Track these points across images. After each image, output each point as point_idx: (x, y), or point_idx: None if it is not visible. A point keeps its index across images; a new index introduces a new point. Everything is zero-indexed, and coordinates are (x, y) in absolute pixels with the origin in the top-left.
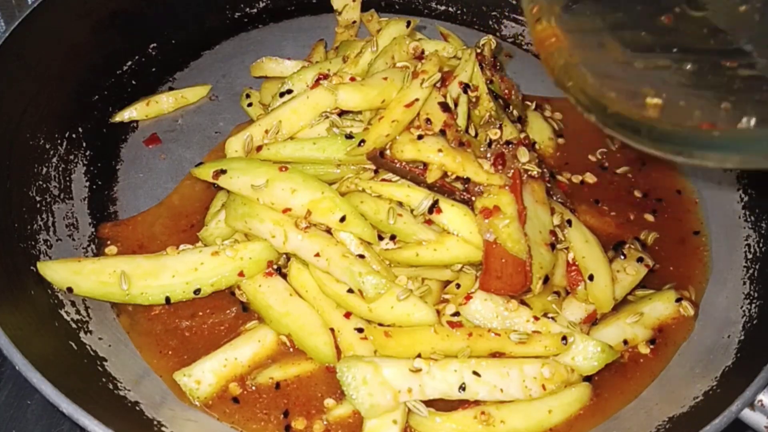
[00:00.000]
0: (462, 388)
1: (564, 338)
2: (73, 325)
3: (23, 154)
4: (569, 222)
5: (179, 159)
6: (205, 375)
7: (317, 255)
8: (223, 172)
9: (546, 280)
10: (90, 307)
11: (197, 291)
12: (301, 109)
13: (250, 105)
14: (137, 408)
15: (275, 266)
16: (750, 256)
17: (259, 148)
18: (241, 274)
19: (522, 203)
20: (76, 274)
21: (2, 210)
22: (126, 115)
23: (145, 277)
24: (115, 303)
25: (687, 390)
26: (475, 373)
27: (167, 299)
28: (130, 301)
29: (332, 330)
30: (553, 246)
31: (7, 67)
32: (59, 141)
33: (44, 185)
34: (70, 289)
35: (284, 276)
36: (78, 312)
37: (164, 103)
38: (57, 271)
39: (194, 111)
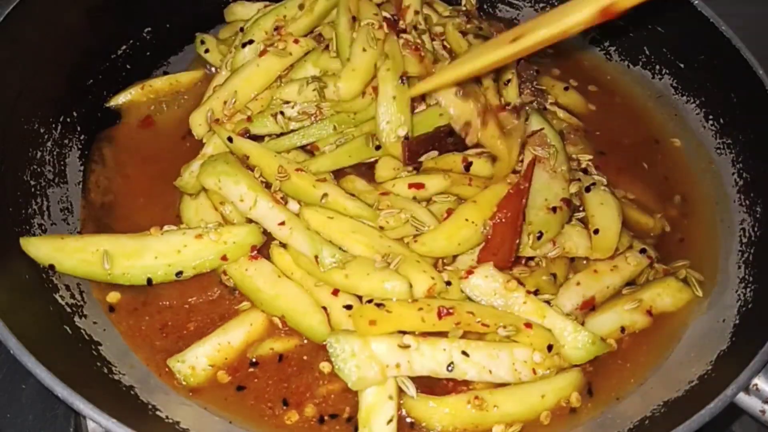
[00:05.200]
0: (450, 366)
1: (550, 347)
2: (68, 309)
3: (18, 139)
4: (588, 189)
5: None
6: (198, 360)
7: (281, 224)
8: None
9: (540, 237)
10: (84, 291)
11: (179, 273)
12: (253, 77)
13: (206, 51)
14: (132, 392)
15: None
16: (745, 240)
17: (216, 120)
18: (224, 258)
19: (529, 181)
20: (59, 252)
21: None
22: (120, 99)
23: (128, 257)
24: (100, 289)
25: (682, 374)
26: (464, 353)
27: (149, 280)
28: (112, 281)
29: (325, 308)
30: (555, 209)
31: (0, 51)
32: (54, 125)
33: (39, 169)
34: (52, 267)
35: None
36: (73, 296)
37: (159, 87)
38: (39, 248)
39: (188, 95)
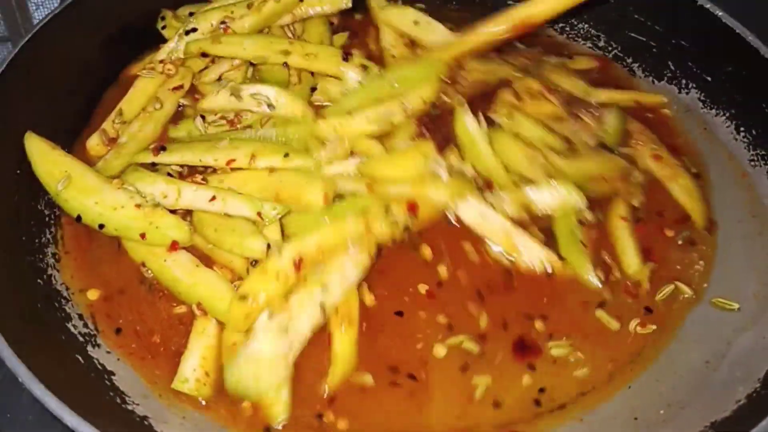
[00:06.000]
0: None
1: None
2: (80, 339)
3: (32, 169)
4: None
5: None
6: (197, 371)
7: (212, 199)
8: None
9: None
10: (98, 321)
11: (101, 226)
12: (133, 98)
13: (164, 27)
14: (146, 422)
15: None
16: None
17: (113, 140)
18: (143, 235)
19: None
20: (40, 156)
21: (10, 224)
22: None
23: (79, 191)
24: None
25: (728, 393)
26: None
27: (78, 217)
28: (54, 198)
29: None
30: None
31: (16, 82)
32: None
33: (53, 199)
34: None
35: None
36: (86, 325)
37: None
38: (33, 145)
39: None
